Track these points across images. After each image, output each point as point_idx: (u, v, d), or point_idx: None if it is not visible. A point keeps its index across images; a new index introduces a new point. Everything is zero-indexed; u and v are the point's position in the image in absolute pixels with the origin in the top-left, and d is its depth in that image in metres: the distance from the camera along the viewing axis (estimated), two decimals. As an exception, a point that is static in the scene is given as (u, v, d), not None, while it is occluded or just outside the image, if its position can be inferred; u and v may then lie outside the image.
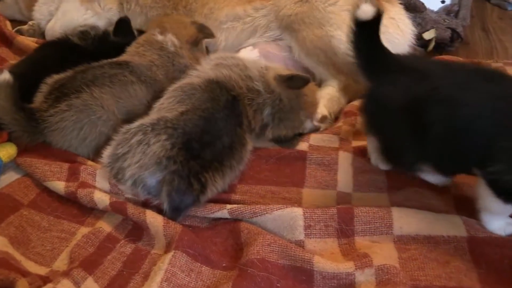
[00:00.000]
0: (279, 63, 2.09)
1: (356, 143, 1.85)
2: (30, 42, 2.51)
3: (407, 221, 1.44)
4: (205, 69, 1.82)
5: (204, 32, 2.12)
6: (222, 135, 1.59)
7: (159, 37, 2.01)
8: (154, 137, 1.50)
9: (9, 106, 1.68)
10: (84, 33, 2.12)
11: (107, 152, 1.58)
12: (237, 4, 2.32)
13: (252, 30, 2.28)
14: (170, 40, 2.01)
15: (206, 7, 2.35)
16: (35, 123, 1.72)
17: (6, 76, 1.68)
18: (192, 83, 1.71)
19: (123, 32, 2.15)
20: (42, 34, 2.70)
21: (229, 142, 1.60)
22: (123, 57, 1.97)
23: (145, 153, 1.49)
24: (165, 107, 1.66)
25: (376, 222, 1.44)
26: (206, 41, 2.20)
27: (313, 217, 1.47)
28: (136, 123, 1.58)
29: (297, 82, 1.80)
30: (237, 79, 1.75)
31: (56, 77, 1.82)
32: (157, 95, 1.81)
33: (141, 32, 2.19)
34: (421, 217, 1.45)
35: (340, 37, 2.08)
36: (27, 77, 1.87)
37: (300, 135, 1.90)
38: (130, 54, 1.99)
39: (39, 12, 2.68)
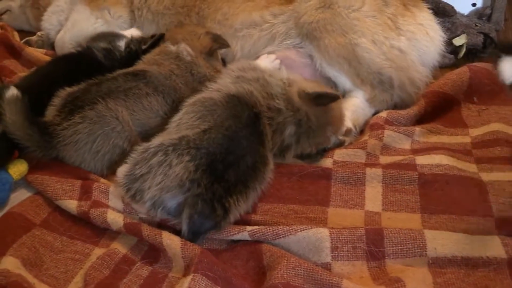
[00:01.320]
0: (300, 72, 2.12)
1: (384, 159, 1.87)
2: (39, 54, 2.58)
3: (441, 242, 1.44)
4: (226, 82, 1.84)
5: (219, 42, 2.15)
6: (245, 154, 1.60)
7: (173, 48, 2.06)
8: (176, 158, 1.52)
9: (21, 121, 1.72)
10: (109, 52, 2.17)
11: (123, 171, 1.60)
12: (254, 10, 2.34)
13: (270, 38, 2.30)
14: (184, 49, 2.05)
15: (219, 13, 2.39)
16: (49, 137, 1.76)
17: (14, 91, 1.72)
18: (213, 98, 1.73)
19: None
20: (51, 45, 2.76)
21: (252, 162, 1.61)
22: (140, 66, 2.02)
23: (166, 175, 1.51)
24: (185, 123, 1.68)
25: (408, 243, 1.45)
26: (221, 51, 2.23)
27: (340, 238, 1.47)
28: (155, 142, 1.59)
29: (325, 100, 1.80)
30: (258, 96, 1.76)
31: (69, 89, 1.86)
32: (176, 105, 1.85)
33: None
34: (457, 238, 1.45)
35: (365, 45, 2.11)
36: (43, 90, 1.94)
37: (323, 150, 1.91)
38: (148, 62, 2.04)
39: (48, 22, 2.74)
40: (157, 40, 2.21)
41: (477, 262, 1.39)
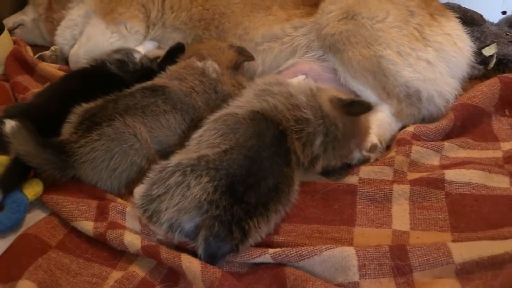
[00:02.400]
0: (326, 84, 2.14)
1: (411, 175, 1.86)
2: (52, 69, 2.61)
3: (466, 247, 1.45)
4: (249, 97, 1.86)
5: (244, 54, 2.18)
6: (267, 175, 1.60)
7: (199, 64, 2.09)
8: (194, 179, 1.53)
9: (33, 148, 1.73)
10: (123, 64, 2.21)
11: (140, 191, 1.62)
12: (274, 23, 2.38)
13: (291, 51, 2.34)
14: (211, 66, 2.08)
15: (240, 27, 2.43)
16: (66, 156, 1.78)
17: (11, 123, 1.73)
18: (236, 115, 1.74)
19: (175, 60, 2.21)
20: (65, 60, 2.80)
21: (274, 183, 1.61)
22: (161, 80, 2.05)
23: (184, 196, 1.52)
24: (206, 140, 1.70)
25: (433, 253, 1.45)
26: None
27: (366, 256, 1.48)
28: (173, 161, 1.61)
29: (358, 108, 1.81)
30: (283, 110, 1.76)
31: (85, 106, 1.89)
32: (194, 124, 1.88)
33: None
34: (481, 243, 1.47)
35: (390, 56, 2.12)
36: (49, 108, 2.00)
37: (348, 167, 1.92)
38: (171, 75, 2.07)
39: (62, 37, 2.78)
40: (173, 51, 2.24)
41: (503, 259, 1.40)
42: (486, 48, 2.58)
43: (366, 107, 1.81)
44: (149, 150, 1.84)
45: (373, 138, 2.00)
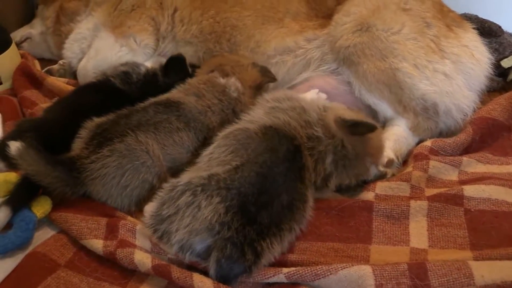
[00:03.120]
0: (340, 100, 2.15)
1: (429, 191, 1.86)
2: (61, 83, 2.64)
3: (488, 268, 1.44)
4: (259, 113, 1.87)
5: (267, 75, 2.19)
6: (281, 193, 1.60)
7: (222, 80, 2.10)
8: (205, 200, 1.53)
9: (43, 168, 1.74)
10: (127, 75, 2.23)
11: (150, 210, 1.63)
12: (287, 35, 2.41)
13: (305, 64, 2.37)
14: (233, 84, 2.10)
15: (252, 40, 2.46)
16: (77, 173, 1.80)
17: (15, 145, 1.74)
18: (247, 130, 1.75)
19: (175, 71, 2.24)
20: (73, 74, 2.84)
21: (288, 200, 1.61)
22: (177, 94, 2.06)
23: (195, 217, 1.52)
24: (216, 157, 1.70)
25: (454, 273, 1.44)
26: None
27: (384, 275, 1.48)
28: (184, 180, 1.61)
29: (361, 129, 1.81)
30: (297, 126, 1.77)
31: (97, 120, 1.91)
32: (208, 143, 1.87)
33: (194, 67, 2.29)
34: (504, 264, 1.45)
35: (406, 69, 2.13)
36: (62, 123, 2.01)
37: (364, 183, 1.93)
38: (189, 89, 2.07)
39: (70, 50, 2.82)
40: (173, 62, 2.26)
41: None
42: (505, 59, 2.57)
43: (369, 128, 1.81)
44: (161, 168, 1.85)
45: (389, 153, 2.01)
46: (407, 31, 2.18)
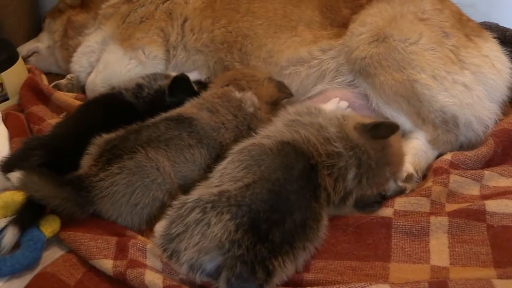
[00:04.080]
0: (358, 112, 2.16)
1: (450, 207, 1.87)
2: (68, 98, 2.66)
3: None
4: (279, 126, 1.87)
5: (284, 91, 2.21)
6: (293, 211, 1.61)
7: (238, 95, 2.10)
8: (215, 217, 1.53)
9: (51, 191, 1.76)
10: (140, 88, 2.26)
11: (160, 229, 1.64)
12: (300, 46, 2.43)
13: (319, 75, 2.38)
14: (250, 99, 2.10)
15: (264, 50, 2.48)
16: (86, 192, 1.81)
17: (16, 175, 1.76)
18: (262, 145, 1.75)
19: (180, 91, 2.25)
20: (81, 88, 2.87)
21: (302, 219, 1.61)
22: (189, 109, 2.06)
23: (204, 235, 1.52)
24: (229, 173, 1.71)
25: (476, 293, 1.45)
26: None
27: (403, 293, 1.48)
28: (193, 196, 1.62)
29: (383, 131, 1.81)
30: (316, 143, 1.77)
31: (106, 137, 1.92)
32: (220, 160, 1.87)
33: (201, 83, 2.31)
34: None
35: (425, 81, 2.14)
36: (70, 139, 2.03)
37: (383, 199, 1.93)
38: (202, 104, 2.08)
39: (78, 64, 2.86)
40: (177, 82, 2.27)
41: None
42: (528, 69, 2.57)
43: (392, 128, 1.82)
44: (172, 185, 1.86)
45: (408, 167, 2.02)
46: (425, 41, 2.19)
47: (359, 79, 2.28)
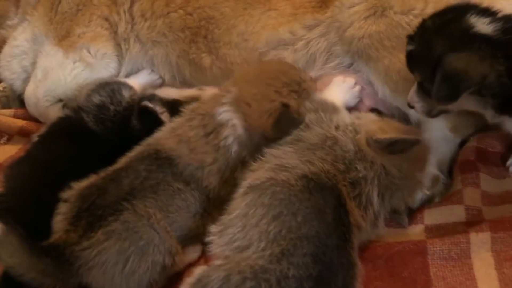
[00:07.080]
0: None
1: (488, 211, 1.87)
2: (7, 119, 2.55)
3: None
4: (287, 152, 1.75)
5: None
6: (336, 273, 1.50)
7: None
8: None
9: (26, 260, 1.69)
10: (102, 109, 2.14)
11: None
12: (280, 24, 2.31)
13: (309, 59, 2.28)
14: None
15: (234, 33, 2.36)
16: (68, 263, 1.73)
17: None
18: (284, 183, 1.60)
19: (147, 122, 2.14)
20: (19, 100, 2.75)
21: (343, 280, 1.52)
22: (166, 141, 1.95)
23: None
24: (254, 225, 1.54)
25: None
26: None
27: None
28: (216, 272, 1.48)
29: (401, 147, 1.75)
30: (336, 174, 1.68)
31: (77, 188, 1.84)
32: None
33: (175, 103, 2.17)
34: None
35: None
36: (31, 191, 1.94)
37: (410, 212, 1.91)
38: (180, 134, 1.96)
39: (9, 70, 2.70)
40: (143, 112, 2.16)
41: None
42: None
43: (411, 143, 1.77)
44: (171, 241, 1.80)
45: (432, 169, 1.98)
46: (433, 10, 2.08)
47: (359, 63, 2.19)
